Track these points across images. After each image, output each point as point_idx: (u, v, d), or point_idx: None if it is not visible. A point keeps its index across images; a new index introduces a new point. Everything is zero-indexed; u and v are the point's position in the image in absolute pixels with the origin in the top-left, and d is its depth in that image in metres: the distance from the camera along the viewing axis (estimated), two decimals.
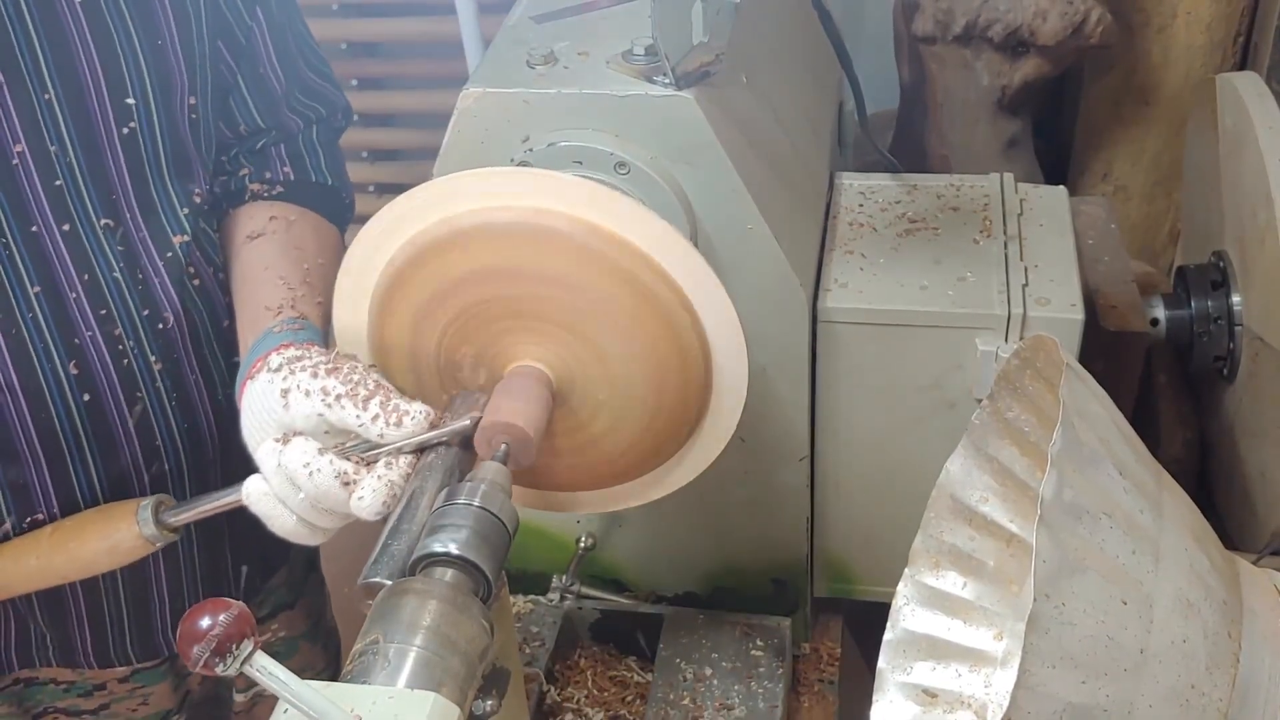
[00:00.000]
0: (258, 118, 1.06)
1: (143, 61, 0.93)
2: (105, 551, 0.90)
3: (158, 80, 0.94)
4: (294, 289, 0.97)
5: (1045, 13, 1.42)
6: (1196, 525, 0.73)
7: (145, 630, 1.08)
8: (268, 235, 1.04)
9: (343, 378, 0.79)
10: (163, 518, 0.90)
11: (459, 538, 0.69)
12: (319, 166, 1.12)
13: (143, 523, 0.89)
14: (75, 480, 0.98)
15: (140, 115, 0.94)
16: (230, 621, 0.55)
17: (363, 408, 0.78)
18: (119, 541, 0.90)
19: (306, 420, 0.79)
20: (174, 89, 0.96)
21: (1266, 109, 1.11)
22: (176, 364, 1.02)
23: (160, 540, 0.90)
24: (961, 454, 0.82)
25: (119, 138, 0.94)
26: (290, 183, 1.09)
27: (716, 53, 0.88)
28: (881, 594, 1.04)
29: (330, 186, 1.12)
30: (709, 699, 1.02)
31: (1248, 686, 0.69)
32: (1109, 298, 1.18)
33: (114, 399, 0.98)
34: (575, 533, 1.10)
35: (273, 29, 1.05)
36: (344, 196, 1.14)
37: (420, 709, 0.60)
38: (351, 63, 2.32)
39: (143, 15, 0.93)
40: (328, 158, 1.13)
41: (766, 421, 0.98)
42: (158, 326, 0.99)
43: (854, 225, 1.07)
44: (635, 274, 0.77)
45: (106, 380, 0.97)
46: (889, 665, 0.82)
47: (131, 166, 0.95)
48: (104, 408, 0.97)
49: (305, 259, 1.02)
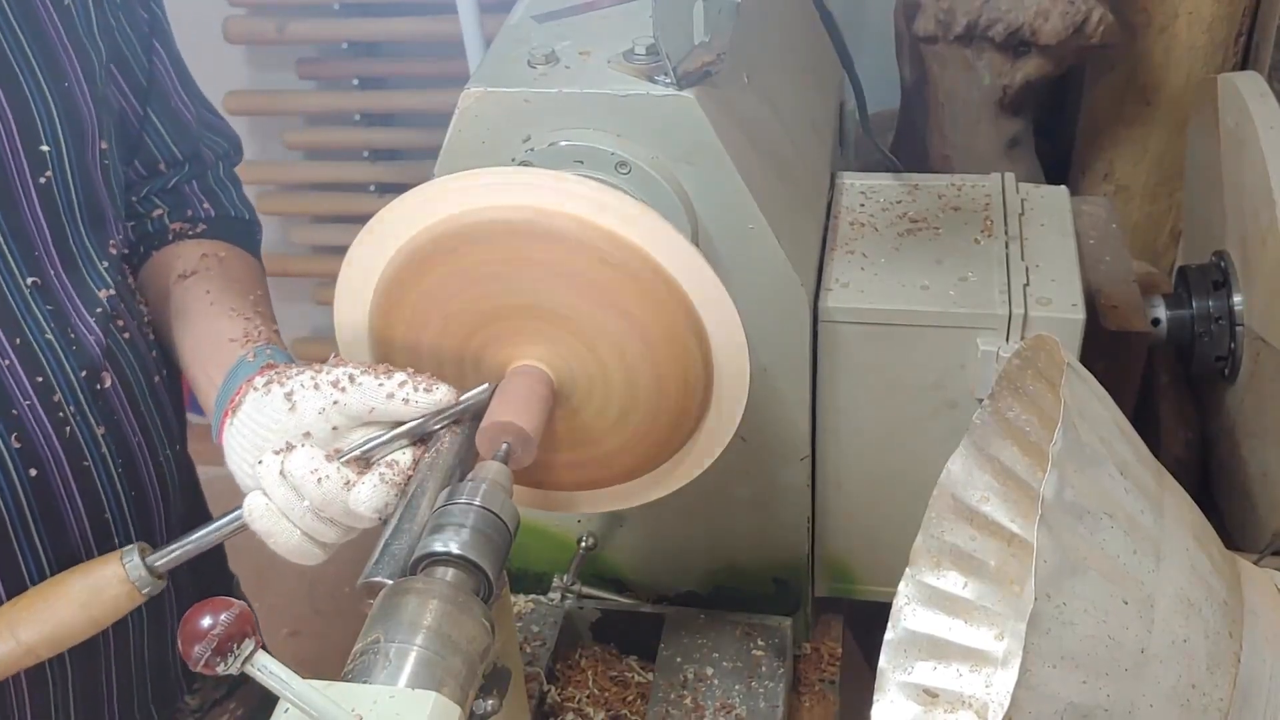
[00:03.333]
0: (175, 150, 1.05)
1: (52, 105, 0.88)
2: (84, 614, 0.81)
3: (69, 125, 0.89)
4: (249, 319, 0.94)
5: (1047, 12, 1.42)
6: (1198, 525, 0.73)
7: None
8: (202, 273, 1.01)
9: (351, 366, 0.78)
10: (150, 563, 0.82)
11: (460, 537, 0.69)
12: (233, 201, 1.11)
13: (130, 568, 0.81)
14: (23, 564, 0.90)
15: (54, 163, 0.88)
16: (231, 621, 0.56)
17: (386, 376, 0.76)
18: (104, 594, 0.81)
19: (318, 417, 0.77)
20: (85, 133, 0.91)
21: (1268, 109, 1.11)
22: (118, 426, 0.95)
23: (149, 588, 0.82)
24: (962, 454, 0.82)
25: (35, 188, 0.88)
26: (212, 219, 1.08)
27: (718, 52, 0.89)
28: (882, 594, 1.04)
29: (247, 220, 1.12)
30: (710, 699, 1.02)
31: (1249, 686, 0.69)
32: (1110, 298, 1.18)
33: (59, 472, 0.91)
34: (576, 532, 1.10)
35: (174, 61, 1.04)
36: (256, 232, 1.14)
37: (421, 709, 0.60)
38: (352, 62, 2.31)
39: (47, 57, 0.88)
40: (237, 192, 1.12)
41: (767, 421, 0.98)
42: (96, 388, 0.93)
43: (855, 225, 1.07)
44: (636, 273, 0.77)
45: (50, 452, 0.90)
46: (890, 665, 0.82)
47: (50, 219, 0.89)
48: (49, 482, 0.90)
49: (248, 290, 1.00)
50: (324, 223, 2.49)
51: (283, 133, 2.36)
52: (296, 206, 2.46)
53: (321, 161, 2.44)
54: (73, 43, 0.90)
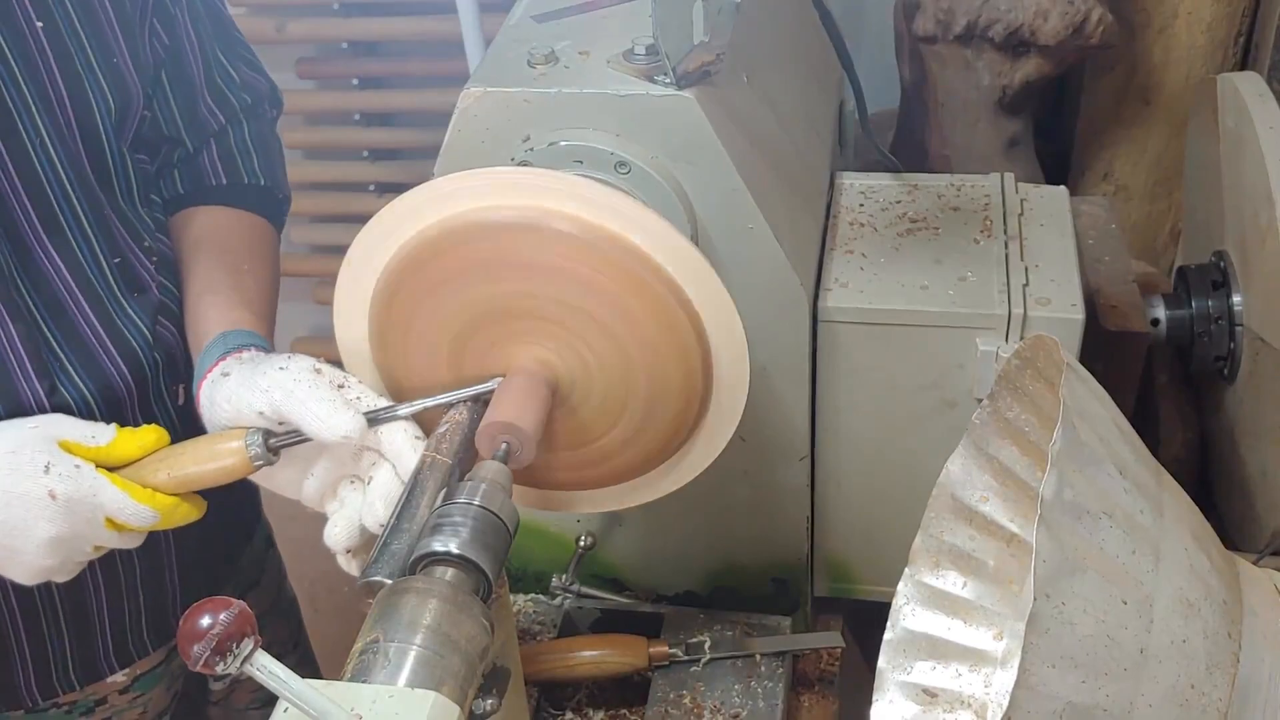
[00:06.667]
0: (176, 114, 1.06)
1: (103, 81, 0.94)
2: (208, 470, 0.85)
3: (119, 100, 0.95)
4: (218, 305, 0.98)
5: (1046, 12, 1.42)
6: (1197, 525, 0.73)
7: (89, 657, 1.07)
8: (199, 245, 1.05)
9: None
10: (270, 443, 0.84)
11: (459, 537, 0.69)
12: (252, 168, 1.11)
13: (251, 444, 0.83)
14: None
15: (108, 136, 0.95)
16: (231, 620, 0.55)
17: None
18: (225, 460, 0.85)
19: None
20: (131, 107, 0.96)
21: (1267, 109, 1.11)
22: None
23: (263, 460, 0.83)
24: (962, 453, 0.82)
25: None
26: (224, 188, 1.09)
27: (717, 52, 0.89)
28: (882, 593, 1.04)
29: (264, 187, 1.12)
30: (709, 698, 1.03)
31: (1247, 686, 0.69)
32: (1109, 298, 1.18)
33: None
34: (575, 532, 1.10)
35: (194, 19, 1.05)
36: (278, 195, 1.15)
37: (420, 708, 0.60)
38: (352, 62, 2.31)
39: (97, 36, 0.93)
40: (260, 157, 1.12)
41: (767, 421, 0.98)
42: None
43: (854, 225, 1.07)
44: (636, 273, 0.77)
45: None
46: (889, 665, 0.82)
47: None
48: None
49: (238, 262, 1.03)
50: (323, 222, 2.49)
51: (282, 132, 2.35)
52: (296, 206, 2.42)
53: (321, 161, 2.44)
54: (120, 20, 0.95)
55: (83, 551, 0.84)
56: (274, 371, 0.81)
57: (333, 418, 0.77)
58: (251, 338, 0.92)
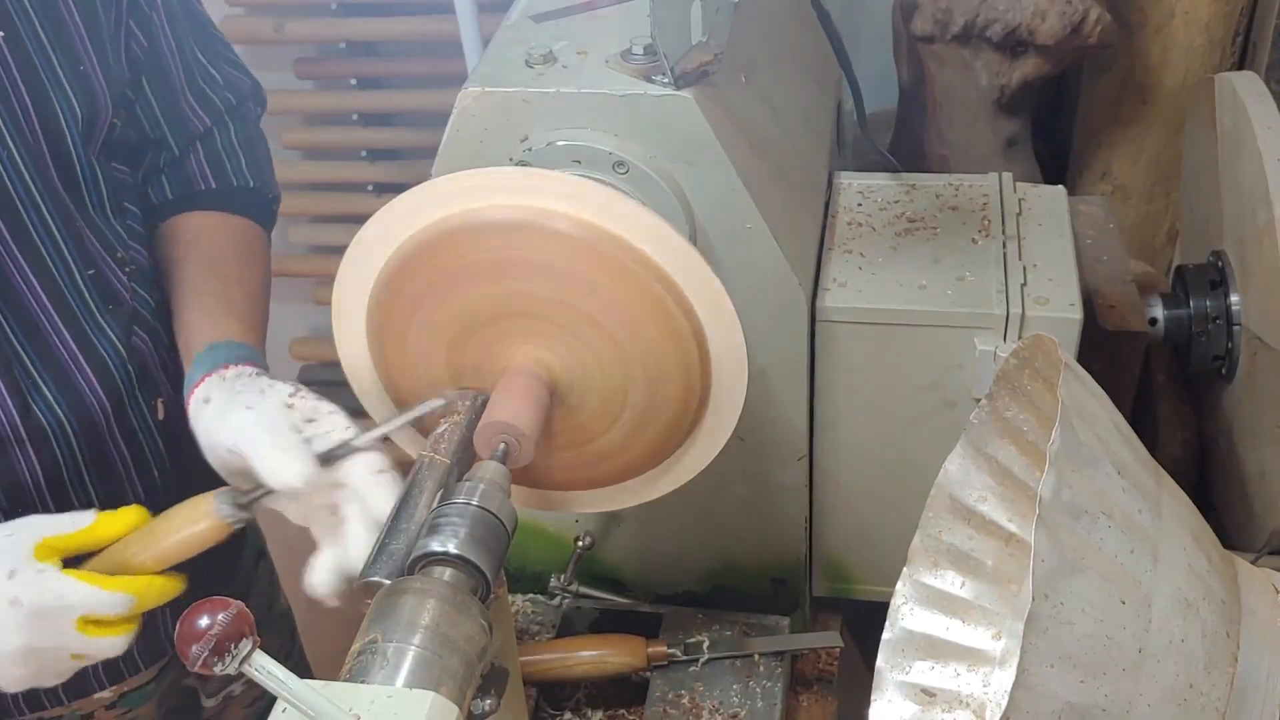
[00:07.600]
0: (159, 115, 1.05)
1: (69, 92, 0.92)
2: (183, 539, 0.84)
3: (85, 107, 0.93)
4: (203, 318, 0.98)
5: (1044, 12, 1.42)
6: (1195, 525, 0.73)
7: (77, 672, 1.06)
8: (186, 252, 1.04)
9: None
10: (237, 500, 0.84)
11: (458, 537, 0.69)
12: (240, 170, 1.11)
13: (221, 502, 0.83)
14: None
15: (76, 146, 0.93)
16: (229, 621, 0.56)
17: None
18: (199, 525, 0.84)
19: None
20: (99, 116, 0.95)
21: (1265, 109, 1.11)
22: None
23: (234, 520, 0.83)
24: (960, 453, 0.82)
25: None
26: (214, 192, 1.09)
27: (715, 52, 0.88)
28: (880, 593, 1.03)
29: (253, 189, 1.11)
30: (707, 698, 1.02)
31: (1246, 686, 0.69)
32: (1108, 297, 1.18)
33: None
34: (574, 532, 1.10)
35: (171, 21, 1.04)
36: (268, 195, 1.14)
37: (419, 708, 0.60)
38: (350, 62, 2.31)
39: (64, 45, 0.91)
40: (248, 158, 1.12)
41: (765, 421, 0.98)
42: None
43: (853, 225, 1.07)
44: (634, 273, 0.77)
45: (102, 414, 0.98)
46: (887, 664, 0.82)
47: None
48: None
49: (226, 272, 1.03)
50: (322, 222, 2.48)
51: (281, 132, 2.35)
52: (295, 206, 2.46)
53: (320, 161, 2.43)
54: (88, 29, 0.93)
55: (61, 660, 0.81)
56: (240, 411, 0.82)
57: (282, 469, 0.78)
58: (238, 349, 0.92)
